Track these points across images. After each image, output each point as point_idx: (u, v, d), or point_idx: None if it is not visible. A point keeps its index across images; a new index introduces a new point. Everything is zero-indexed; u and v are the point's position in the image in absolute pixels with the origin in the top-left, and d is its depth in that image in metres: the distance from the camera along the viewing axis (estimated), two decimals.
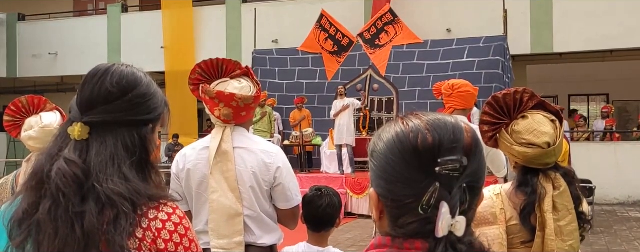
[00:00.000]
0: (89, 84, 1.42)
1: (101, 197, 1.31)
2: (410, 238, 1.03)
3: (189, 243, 1.40)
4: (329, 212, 2.80)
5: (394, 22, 14.40)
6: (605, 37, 13.74)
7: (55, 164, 1.34)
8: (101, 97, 1.41)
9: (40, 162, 1.38)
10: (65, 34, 19.07)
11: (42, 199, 1.32)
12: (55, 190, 1.31)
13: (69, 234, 1.29)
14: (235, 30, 17.05)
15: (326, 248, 2.85)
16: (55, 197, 1.31)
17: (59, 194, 1.31)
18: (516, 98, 2.27)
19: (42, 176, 1.34)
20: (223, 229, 2.65)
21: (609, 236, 9.31)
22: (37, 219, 1.31)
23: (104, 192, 1.32)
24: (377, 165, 1.08)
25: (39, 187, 1.34)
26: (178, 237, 1.37)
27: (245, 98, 2.70)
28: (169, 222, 1.37)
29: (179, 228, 1.38)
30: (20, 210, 1.34)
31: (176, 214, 1.40)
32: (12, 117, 2.95)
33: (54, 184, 1.31)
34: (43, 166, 1.36)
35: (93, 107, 1.40)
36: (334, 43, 14.76)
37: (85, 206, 1.31)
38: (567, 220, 2.18)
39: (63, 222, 1.30)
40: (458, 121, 1.07)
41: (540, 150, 2.17)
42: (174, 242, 1.37)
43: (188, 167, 2.75)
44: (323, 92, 14.52)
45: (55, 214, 1.30)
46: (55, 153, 1.37)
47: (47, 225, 1.30)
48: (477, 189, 1.05)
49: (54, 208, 1.30)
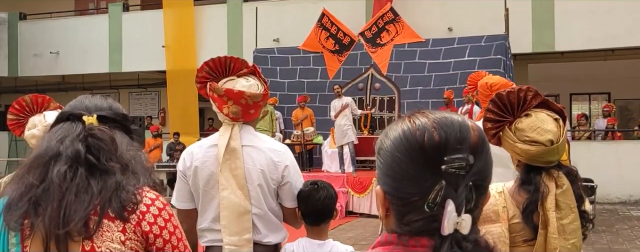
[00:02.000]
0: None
1: (126, 163, 1.47)
2: (416, 236, 1.03)
3: (174, 228, 1.47)
4: (327, 203, 2.81)
5: (395, 20, 14.39)
6: (606, 35, 13.73)
7: (77, 141, 1.45)
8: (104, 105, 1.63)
9: (48, 145, 1.47)
10: (67, 33, 19.07)
11: (53, 168, 1.41)
12: (83, 153, 1.43)
13: (82, 192, 1.38)
14: (237, 29, 17.05)
15: (327, 241, 2.87)
16: (79, 160, 1.42)
17: (86, 156, 1.43)
18: (520, 96, 2.27)
19: (56, 153, 1.44)
20: (234, 225, 2.66)
21: (611, 234, 9.31)
22: (44, 188, 1.39)
23: (126, 160, 1.48)
24: (384, 162, 1.08)
25: (48, 163, 1.43)
26: (162, 222, 1.44)
27: (254, 96, 2.71)
28: (153, 207, 1.44)
29: (163, 213, 1.45)
30: (22, 186, 1.41)
31: (159, 200, 1.49)
32: (16, 115, 2.96)
33: (83, 148, 1.44)
34: (52, 146, 1.46)
35: (100, 109, 1.58)
36: (335, 42, 14.76)
37: (113, 164, 1.45)
38: (569, 218, 2.18)
39: (81, 179, 1.40)
40: (465, 119, 1.07)
41: (544, 147, 2.17)
42: (159, 225, 1.43)
43: (195, 165, 2.75)
44: (324, 91, 14.52)
45: (72, 175, 1.40)
46: (63, 137, 1.48)
47: (55, 190, 1.38)
48: (483, 188, 1.06)
49: (70, 171, 1.40)
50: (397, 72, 14.14)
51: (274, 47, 15.68)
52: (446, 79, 13.50)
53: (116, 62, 18.15)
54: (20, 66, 19.83)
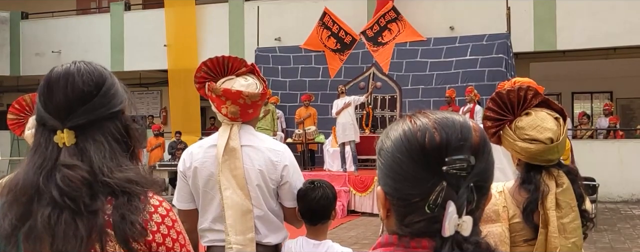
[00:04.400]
0: (57, 88, 1.40)
1: (114, 189, 1.33)
2: (417, 237, 1.03)
3: (177, 235, 1.41)
4: (322, 204, 2.79)
5: (397, 19, 14.39)
6: (608, 34, 13.71)
7: (55, 174, 1.33)
8: (77, 99, 1.38)
9: (26, 176, 1.35)
10: (69, 32, 19.08)
11: (38, 209, 1.31)
12: (59, 197, 1.30)
13: (70, 237, 1.29)
14: (238, 28, 17.05)
15: (323, 241, 2.85)
16: (59, 204, 1.30)
17: (63, 200, 1.30)
18: (520, 95, 2.27)
19: (36, 188, 1.33)
20: (238, 224, 2.65)
21: (613, 233, 9.30)
22: (31, 229, 1.30)
23: (115, 184, 1.33)
24: (384, 163, 1.07)
25: (30, 201, 1.32)
26: (165, 229, 1.38)
27: (252, 95, 2.70)
28: (156, 214, 1.38)
29: (166, 220, 1.40)
30: (7, 224, 1.32)
31: (163, 206, 1.41)
32: (16, 115, 2.95)
33: (56, 192, 1.30)
34: (31, 179, 1.34)
35: (72, 111, 1.38)
36: (336, 41, 14.76)
37: (96, 203, 1.32)
38: (570, 217, 2.18)
39: (67, 225, 1.29)
40: (466, 120, 1.07)
41: (543, 146, 2.17)
42: (161, 233, 1.38)
43: (195, 165, 2.74)
44: (326, 90, 14.52)
45: (56, 220, 1.29)
46: (41, 164, 1.35)
47: (45, 232, 1.29)
48: (485, 189, 1.05)
49: (54, 215, 1.30)
50: (399, 70, 14.14)
51: (276, 46, 15.68)
52: (448, 77, 13.50)
53: (118, 61, 18.14)
54: (22, 65, 19.85)
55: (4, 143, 18.67)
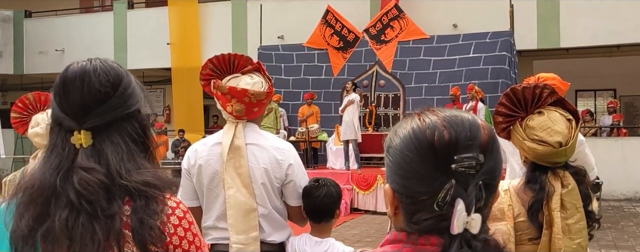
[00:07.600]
0: (74, 88, 1.39)
1: (132, 192, 1.32)
2: (425, 234, 1.03)
3: (193, 237, 1.40)
4: (326, 202, 2.79)
5: (400, 17, 14.37)
6: (611, 32, 13.68)
7: (72, 176, 1.31)
8: (94, 100, 1.37)
9: (42, 177, 1.34)
10: (72, 30, 19.11)
11: (56, 211, 1.30)
12: (76, 199, 1.29)
13: (88, 240, 1.28)
14: (241, 26, 17.05)
15: (326, 239, 2.86)
16: (76, 207, 1.29)
17: (80, 203, 1.29)
18: (535, 92, 2.24)
19: (53, 189, 1.31)
20: (240, 224, 2.64)
21: (616, 231, 9.29)
22: (49, 230, 1.29)
23: (133, 187, 1.32)
24: (393, 161, 1.07)
25: (46, 202, 1.31)
26: (182, 231, 1.37)
27: (257, 94, 2.69)
28: (173, 216, 1.37)
29: (183, 222, 1.38)
30: (23, 225, 1.31)
31: (180, 208, 1.40)
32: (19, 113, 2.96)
33: (74, 194, 1.29)
34: (48, 180, 1.32)
35: (89, 112, 1.36)
36: (339, 39, 14.75)
37: (113, 206, 1.30)
38: (575, 218, 2.16)
39: (84, 228, 1.28)
40: (475, 118, 1.06)
41: (551, 149, 2.15)
42: (178, 235, 1.36)
43: (199, 163, 2.73)
44: (329, 88, 14.52)
45: (74, 223, 1.28)
46: (57, 166, 1.34)
47: (63, 235, 1.28)
48: (493, 187, 1.05)
49: (71, 218, 1.29)
50: (402, 69, 14.12)
51: (279, 44, 15.67)
52: (451, 75, 13.48)
53: (121, 60, 18.13)
54: (25, 64, 19.89)
55: (8, 141, 18.71)
